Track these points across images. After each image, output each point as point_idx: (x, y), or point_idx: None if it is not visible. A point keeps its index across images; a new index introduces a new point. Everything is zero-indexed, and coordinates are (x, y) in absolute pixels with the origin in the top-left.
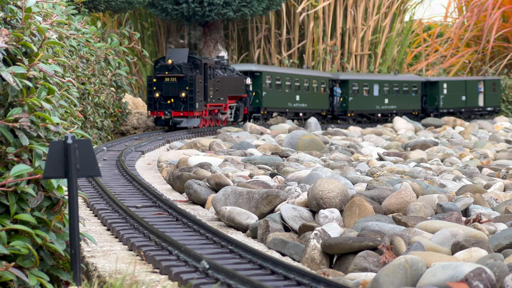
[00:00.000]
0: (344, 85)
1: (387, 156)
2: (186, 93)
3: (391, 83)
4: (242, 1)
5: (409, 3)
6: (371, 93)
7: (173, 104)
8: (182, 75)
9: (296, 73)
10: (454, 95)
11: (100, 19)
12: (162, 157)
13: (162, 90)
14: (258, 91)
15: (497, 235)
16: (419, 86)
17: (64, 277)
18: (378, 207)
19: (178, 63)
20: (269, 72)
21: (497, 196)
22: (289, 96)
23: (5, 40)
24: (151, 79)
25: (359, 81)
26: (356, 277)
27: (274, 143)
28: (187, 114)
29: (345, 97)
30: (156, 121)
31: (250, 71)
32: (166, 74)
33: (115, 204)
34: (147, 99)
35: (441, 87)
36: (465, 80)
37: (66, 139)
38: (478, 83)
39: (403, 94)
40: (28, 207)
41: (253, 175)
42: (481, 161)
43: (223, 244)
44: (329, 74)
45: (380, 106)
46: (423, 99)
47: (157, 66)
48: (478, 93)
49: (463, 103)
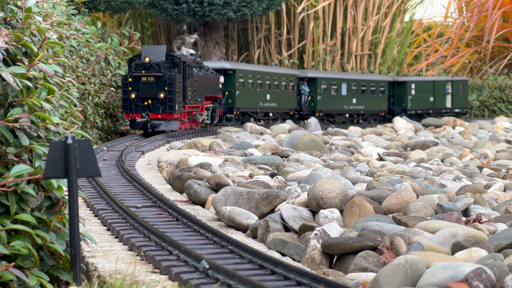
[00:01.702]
0: (313, 83)
1: (387, 156)
2: (165, 94)
3: (359, 82)
4: (242, 1)
5: (409, 3)
6: (340, 92)
7: (150, 106)
8: (161, 74)
9: (266, 70)
10: (422, 96)
11: (100, 19)
12: (162, 157)
13: (139, 91)
14: (231, 90)
15: (497, 235)
16: (386, 86)
17: (64, 277)
18: (378, 207)
19: (156, 61)
20: (242, 70)
21: (497, 196)
22: (260, 95)
23: (5, 40)
24: (126, 79)
25: (327, 79)
26: (356, 277)
27: (274, 143)
28: (166, 117)
29: (313, 96)
30: (132, 124)
31: (223, 68)
32: (143, 73)
33: (115, 204)
34: (121, 100)
35: (409, 87)
36: (433, 81)
37: (66, 139)
38: (446, 84)
39: (370, 94)
40: (28, 207)
41: (253, 175)
42: (481, 161)
43: (223, 244)
44: (297, 71)
45: (348, 106)
46: (391, 99)
47: (132, 65)
48: (446, 94)
49: (430, 104)
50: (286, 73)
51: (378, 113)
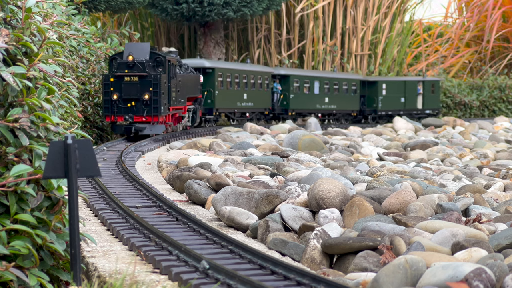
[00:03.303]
0: (285, 81)
1: (387, 156)
2: (150, 95)
3: (331, 80)
4: (242, 1)
5: (409, 3)
6: (312, 90)
7: (134, 108)
8: (145, 74)
9: (243, 68)
10: (393, 96)
11: (100, 19)
12: (162, 157)
13: (121, 92)
14: (211, 90)
15: (497, 235)
16: (358, 85)
17: (64, 277)
18: (378, 207)
19: (140, 60)
20: (221, 69)
21: (497, 196)
22: (238, 94)
23: (5, 40)
24: (108, 78)
25: (300, 77)
26: (356, 277)
27: (274, 143)
28: (151, 120)
29: (286, 94)
30: (114, 128)
31: (202, 67)
32: (126, 72)
33: (115, 204)
34: (102, 101)
35: (380, 87)
36: (404, 81)
37: (66, 139)
38: (417, 84)
39: (343, 93)
40: (28, 207)
41: (253, 175)
42: (481, 161)
43: (223, 244)
44: (271, 68)
45: (321, 105)
46: (361, 99)
47: (114, 63)
48: (417, 95)
49: (401, 105)
50: (260, 70)
51: (350, 113)
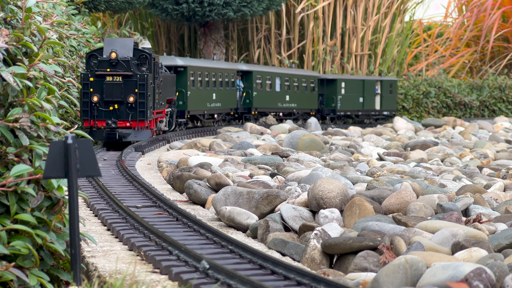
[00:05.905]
0: (247, 77)
1: (387, 156)
2: (135, 97)
3: (291, 77)
4: (242, 1)
5: (409, 3)
6: (274, 88)
7: (117, 112)
8: (130, 73)
9: (212, 66)
10: (352, 96)
11: (100, 19)
12: (162, 157)
13: (103, 93)
14: (183, 90)
15: (497, 235)
16: (316, 83)
17: (64, 277)
18: (378, 207)
19: (124, 58)
20: (194, 67)
21: (497, 196)
22: (208, 95)
23: (5, 40)
24: (87, 78)
25: (262, 73)
26: (356, 277)
27: (274, 143)
28: (136, 125)
29: (249, 91)
30: (93, 134)
31: (174, 65)
32: (108, 71)
33: (115, 204)
34: (80, 104)
35: (339, 86)
36: (363, 80)
37: (66, 139)
38: (376, 84)
39: (302, 91)
40: (28, 207)
41: (253, 175)
42: (481, 161)
43: (223, 244)
44: (234, 64)
45: (282, 103)
46: (320, 98)
47: (94, 61)
48: (375, 95)
49: (360, 106)
50: (226, 67)
51: (309, 112)
